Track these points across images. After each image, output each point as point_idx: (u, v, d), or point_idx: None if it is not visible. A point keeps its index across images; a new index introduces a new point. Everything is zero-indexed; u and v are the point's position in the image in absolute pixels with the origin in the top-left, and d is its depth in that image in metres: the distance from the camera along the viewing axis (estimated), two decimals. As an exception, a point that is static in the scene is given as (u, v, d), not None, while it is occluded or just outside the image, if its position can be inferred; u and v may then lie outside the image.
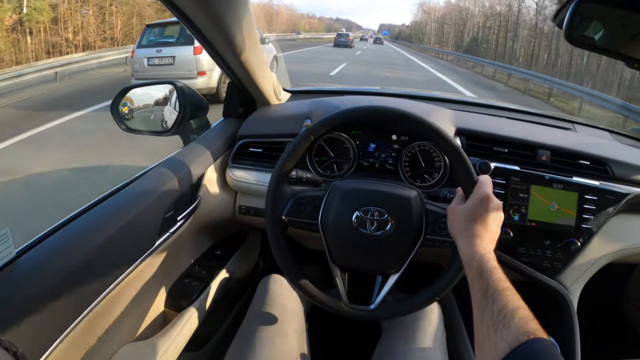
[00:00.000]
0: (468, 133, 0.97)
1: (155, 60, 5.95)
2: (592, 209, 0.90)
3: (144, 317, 0.85)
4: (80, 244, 0.66)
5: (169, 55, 5.86)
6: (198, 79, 5.73)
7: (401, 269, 0.76)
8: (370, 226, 0.73)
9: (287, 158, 0.76)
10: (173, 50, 5.86)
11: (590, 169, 0.93)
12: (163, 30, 6.19)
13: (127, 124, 1.10)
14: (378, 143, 0.98)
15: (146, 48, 6.06)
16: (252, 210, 1.05)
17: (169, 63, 5.86)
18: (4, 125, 5.25)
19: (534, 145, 0.95)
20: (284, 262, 0.76)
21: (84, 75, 9.38)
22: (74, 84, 8.52)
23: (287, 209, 0.77)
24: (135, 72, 6.15)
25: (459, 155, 0.71)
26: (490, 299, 0.50)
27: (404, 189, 0.78)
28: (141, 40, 6.24)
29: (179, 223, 0.88)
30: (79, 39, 18.64)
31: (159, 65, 5.91)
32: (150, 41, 6.16)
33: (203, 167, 0.97)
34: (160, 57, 5.91)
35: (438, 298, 0.74)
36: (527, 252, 0.91)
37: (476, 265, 0.57)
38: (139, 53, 6.09)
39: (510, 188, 0.90)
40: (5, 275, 0.56)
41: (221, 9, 0.73)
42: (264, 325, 0.81)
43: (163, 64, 5.90)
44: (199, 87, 5.52)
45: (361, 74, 12.03)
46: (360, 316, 0.77)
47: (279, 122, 1.08)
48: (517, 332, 0.43)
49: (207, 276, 1.01)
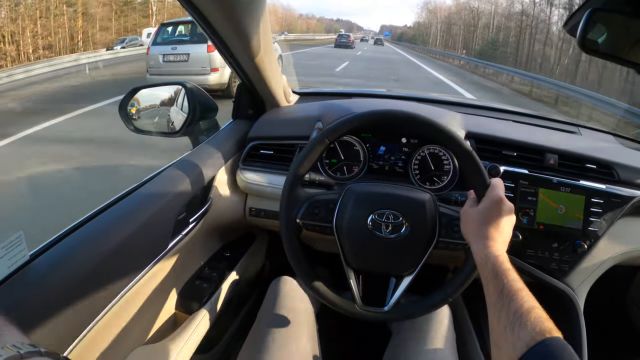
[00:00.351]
0: (477, 136, 0.98)
1: (170, 57, 6.28)
2: (599, 212, 0.91)
3: (155, 320, 0.85)
4: (93, 248, 0.65)
5: (184, 53, 6.21)
6: (211, 75, 6.05)
7: (415, 271, 0.76)
8: (385, 229, 0.74)
9: (302, 161, 0.77)
10: (187, 47, 6.20)
11: (596, 172, 0.94)
12: (175, 29, 6.60)
13: (135, 124, 1.10)
14: (388, 146, 0.99)
15: (161, 45, 6.44)
16: (262, 213, 1.05)
17: (183, 60, 6.20)
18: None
19: (542, 149, 0.96)
20: (298, 265, 0.77)
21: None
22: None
23: (302, 212, 0.77)
24: (150, 68, 6.45)
25: (472, 159, 0.72)
26: (506, 299, 0.51)
27: (418, 192, 0.79)
28: (156, 38, 6.62)
29: (191, 225, 0.88)
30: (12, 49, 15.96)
31: (174, 61, 6.27)
32: (165, 39, 6.53)
33: (214, 169, 0.97)
34: (176, 54, 6.25)
35: (451, 300, 0.75)
36: (535, 254, 0.92)
37: (491, 266, 0.58)
38: (154, 50, 6.43)
39: (519, 191, 0.92)
40: (19, 279, 0.56)
41: (240, 11, 0.73)
42: (276, 327, 0.82)
43: (178, 60, 6.24)
44: (211, 82, 5.92)
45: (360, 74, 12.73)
46: (374, 318, 0.78)
47: (290, 124, 1.08)
48: (533, 331, 0.45)
49: (217, 278, 1.01)
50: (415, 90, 8.22)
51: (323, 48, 27.27)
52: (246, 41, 0.82)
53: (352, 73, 12.37)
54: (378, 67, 15.37)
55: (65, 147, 4.36)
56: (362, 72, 12.81)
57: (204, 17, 0.74)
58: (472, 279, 0.72)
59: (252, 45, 0.84)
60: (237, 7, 0.72)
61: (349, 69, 13.51)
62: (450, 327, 0.89)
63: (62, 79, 9.20)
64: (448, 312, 0.92)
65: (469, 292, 0.78)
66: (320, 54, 20.90)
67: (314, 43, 35.07)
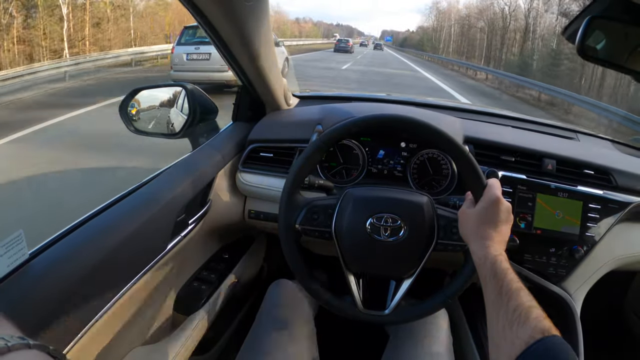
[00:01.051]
0: (476, 141, 0.99)
1: (193, 56, 6.99)
2: (596, 217, 0.92)
3: (153, 321, 0.85)
4: (92, 248, 0.65)
5: (206, 52, 6.86)
6: (229, 72, 6.62)
7: (414, 273, 0.77)
8: (384, 232, 0.75)
9: (301, 166, 0.77)
10: (209, 48, 6.61)
11: (594, 178, 0.95)
12: (196, 31, 7.22)
13: (135, 125, 1.10)
14: (387, 150, 1.00)
15: (184, 46, 7.18)
16: (261, 215, 1.06)
17: (205, 58, 6.89)
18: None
19: (540, 154, 0.97)
20: (298, 270, 0.77)
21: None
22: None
23: (301, 217, 0.78)
24: (174, 65, 7.20)
25: (468, 160, 0.73)
26: (505, 298, 0.52)
27: (416, 195, 0.79)
28: (180, 39, 7.40)
29: (190, 227, 0.88)
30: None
31: (197, 60, 6.98)
32: (187, 40, 7.25)
33: (214, 171, 0.97)
34: (199, 53, 6.94)
35: (451, 301, 0.76)
36: (533, 259, 0.93)
37: (489, 266, 0.58)
38: (179, 50, 7.18)
39: (517, 196, 0.92)
40: (18, 278, 0.56)
41: (243, 15, 0.74)
42: (274, 330, 0.82)
43: (200, 59, 6.95)
44: (229, 78, 6.49)
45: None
46: (374, 321, 0.78)
47: (290, 127, 1.09)
48: (532, 330, 0.45)
49: (215, 280, 1.01)
50: (415, 94, 8.23)
51: (322, 53, 27.06)
52: (248, 44, 0.83)
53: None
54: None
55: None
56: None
57: (207, 20, 0.75)
58: (472, 280, 0.73)
59: (253, 48, 0.85)
60: (240, 11, 0.72)
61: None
62: (447, 329, 0.90)
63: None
64: (445, 315, 0.93)
65: (466, 294, 0.78)
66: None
67: (309, 48, 33.45)
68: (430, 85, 12.95)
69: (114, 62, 11.14)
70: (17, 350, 0.30)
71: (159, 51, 12.89)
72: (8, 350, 0.30)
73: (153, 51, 12.97)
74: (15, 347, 0.30)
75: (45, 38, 14.92)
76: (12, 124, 4.89)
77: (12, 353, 0.30)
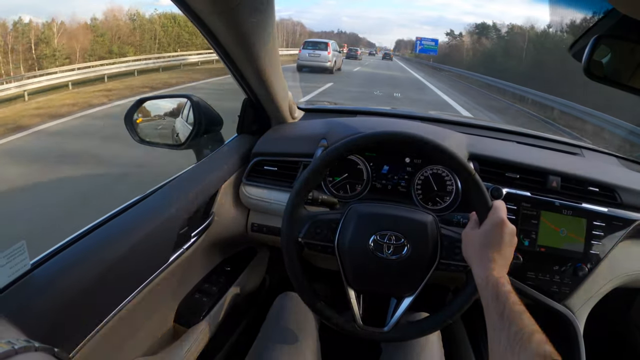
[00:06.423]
0: (481, 158, 0.98)
1: (310, 54, 14.46)
2: (600, 235, 0.91)
3: (154, 332, 0.85)
4: (95, 259, 0.65)
5: (317, 53, 14.42)
6: (327, 63, 14.44)
7: (415, 292, 0.76)
8: (387, 250, 0.74)
9: (305, 181, 0.77)
10: (318, 51, 14.48)
11: (599, 195, 0.94)
12: (311, 42, 15.14)
13: (141, 135, 1.10)
14: (391, 165, 0.99)
15: (305, 49, 14.67)
16: (264, 229, 1.05)
17: (317, 55, 14.36)
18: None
19: (545, 171, 0.96)
20: (300, 284, 0.77)
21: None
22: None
23: (304, 231, 0.77)
24: (299, 59, 14.66)
25: (474, 181, 0.72)
26: (507, 321, 0.52)
27: (420, 214, 0.79)
28: (304, 46, 15.04)
29: (193, 239, 0.88)
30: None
31: (312, 56, 14.40)
32: (306, 46, 14.92)
33: (218, 183, 0.97)
34: (313, 53, 14.44)
35: (451, 321, 0.75)
36: (536, 276, 0.92)
37: (491, 289, 0.59)
38: (303, 52, 14.65)
39: (521, 214, 0.91)
40: (19, 288, 0.56)
41: (249, 28, 0.74)
42: (279, 342, 0.82)
43: (314, 56, 14.38)
44: (328, 66, 14.49)
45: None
46: (372, 338, 0.77)
47: (295, 141, 1.08)
48: (533, 354, 0.46)
49: (217, 292, 1.01)
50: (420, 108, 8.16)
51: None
52: (253, 58, 0.83)
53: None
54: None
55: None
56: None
57: (215, 37, 0.75)
58: (472, 301, 0.72)
59: (259, 63, 0.85)
60: (246, 24, 0.72)
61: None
62: (438, 343, 0.89)
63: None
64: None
65: (467, 310, 0.78)
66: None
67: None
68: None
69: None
70: (23, 353, 0.31)
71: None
72: (15, 353, 0.31)
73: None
74: (22, 350, 0.31)
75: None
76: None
77: (19, 355, 0.31)
